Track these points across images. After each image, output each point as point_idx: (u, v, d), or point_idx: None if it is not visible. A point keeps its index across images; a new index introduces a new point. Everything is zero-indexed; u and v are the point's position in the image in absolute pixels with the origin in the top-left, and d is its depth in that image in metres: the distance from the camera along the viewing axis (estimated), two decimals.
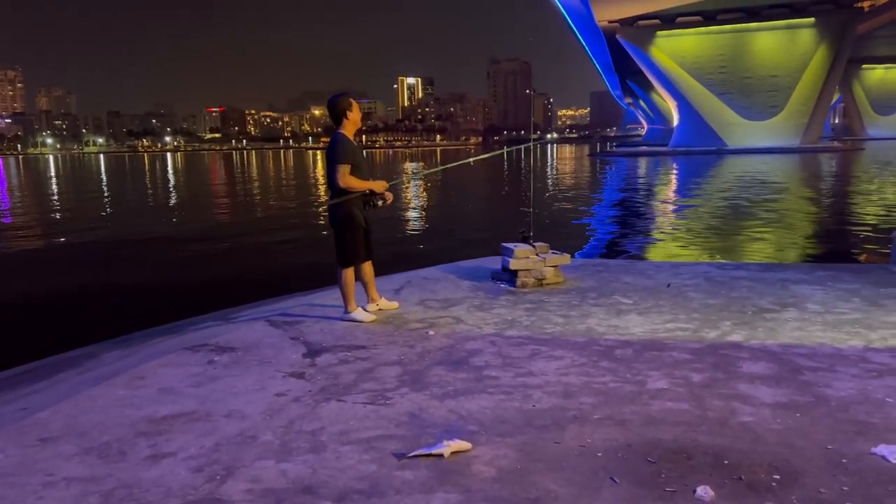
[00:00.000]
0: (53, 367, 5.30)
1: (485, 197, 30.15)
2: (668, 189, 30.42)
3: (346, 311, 5.38)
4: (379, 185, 5.33)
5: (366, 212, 5.36)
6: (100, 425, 3.49)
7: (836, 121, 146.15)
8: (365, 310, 5.50)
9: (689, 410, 3.51)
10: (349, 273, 5.35)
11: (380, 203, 5.38)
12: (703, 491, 2.68)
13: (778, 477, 2.79)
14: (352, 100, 5.34)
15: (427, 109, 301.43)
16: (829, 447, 3.05)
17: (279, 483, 2.83)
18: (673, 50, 74.57)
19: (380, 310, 5.60)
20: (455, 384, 3.95)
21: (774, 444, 3.11)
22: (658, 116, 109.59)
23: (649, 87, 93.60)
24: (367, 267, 5.52)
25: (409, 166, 50.30)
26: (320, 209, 20.85)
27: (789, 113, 72.84)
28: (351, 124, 5.29)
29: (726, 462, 2.94)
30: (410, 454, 3.03)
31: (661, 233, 15.48)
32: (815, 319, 5.18)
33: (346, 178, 5.18)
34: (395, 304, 5.75)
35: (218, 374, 4.25)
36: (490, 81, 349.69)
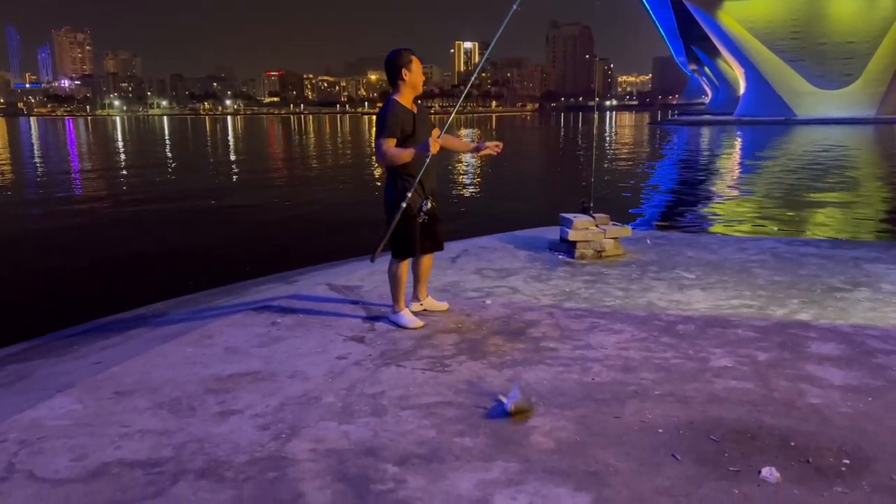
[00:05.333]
0: (124, 323, 5.52)
1: (542, 165, 29.79)
2: (733, 160, 29.45)
3: (393, 311, 4.58)
4: (433, 146, 4.14)
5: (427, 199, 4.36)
6: (170, 381, 3.63)
7: None
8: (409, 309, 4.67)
9: (754, 390, 3.43)
10: (400, 267, 4.48)
11: (427, 205, 4.33)
12: (769, 472, 2.63)
13: (848, 462, 2.72)
14: (413, 56, 4.33)
15: (483, 75, 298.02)
16: None
17: (342, 444, 2.90)
18: (742, 15, 71.51)
19: (424, 311, 4.77)
20: (513, 354, 3.96)
21: (844, 427, 3.02)
22: (723, 84, 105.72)
23: (715, 53, 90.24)
24: (426, 260, 4.69)
25: (463, 133, 50.00)
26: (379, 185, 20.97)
27: (865, 81, 69.27)
28: (408, 88, 4.31)
29: (793, 444, 2.87)
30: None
31: (725, 206, 15.03)
32: (890, 300, 4.97)
33: (385, 153, 4.23)
34: (444, 305, 4.86)
35: (281, 335, 4.36)
36: (549, 46, 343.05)
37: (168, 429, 3.07)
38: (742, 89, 79.22)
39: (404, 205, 4.24)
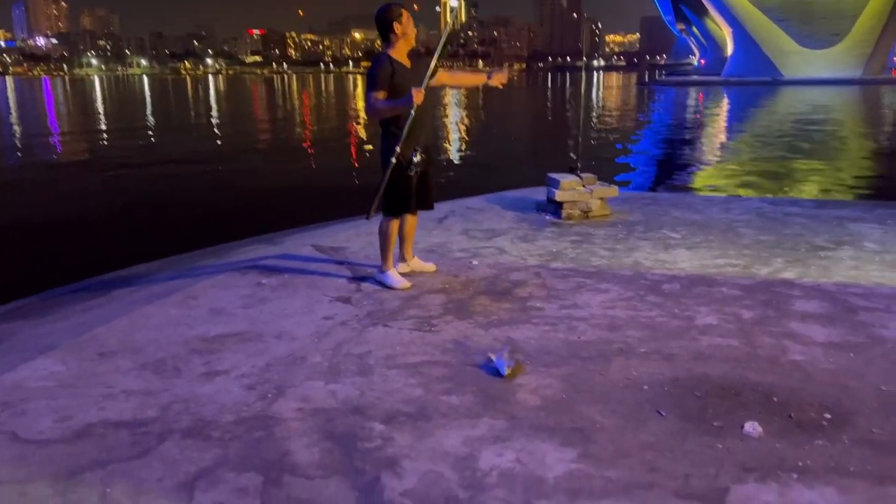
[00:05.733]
0: (107, 285, 5.47)
1: (529, 126, 29.60)
2: (720, 120, 29.41)
3: (381, 270, 4.54)
4: (417, 97, 4.03)
5: (419, 153, 4.29)
6: (154, 342, 3.60)
7: None
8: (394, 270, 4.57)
9: (739, 347, 3.46)
10: (391, 225, 4.43)
11: (417, 158, 4.27)
12: (752, 427, 2.66)
13: (829, 416, 2.75)
14: (403, 9, 4.25)
15: (470, 33, 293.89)
16: (883, 388, 2.99)
17: (328, 403, 2.90)
18: None
19: (412, 272, 4.71)
20: (499, 314, 3.96)
21: (826, 383, 3.05)
22: (711, 44, 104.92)
23: (703, 12, 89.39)
24: (410, 220, 4.59)
25: (450, 92, 49.48)
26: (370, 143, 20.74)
27: (852, 42, 69.00)
28: (402, 42, 4.24)
29: (776, 399, 2.90)
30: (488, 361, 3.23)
31: (712, 166, 15.04)
32: (872, 259, 5.01)
33: (373, 106, 4.17)
34: (431, 267, 4.81)
35: (266, 296, 4.33)
36: (536, 4, 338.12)
37: (153, 389, 3.06)
38: (729, 50, 78.70)
39: (394, 159, 4.18)
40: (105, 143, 21.69)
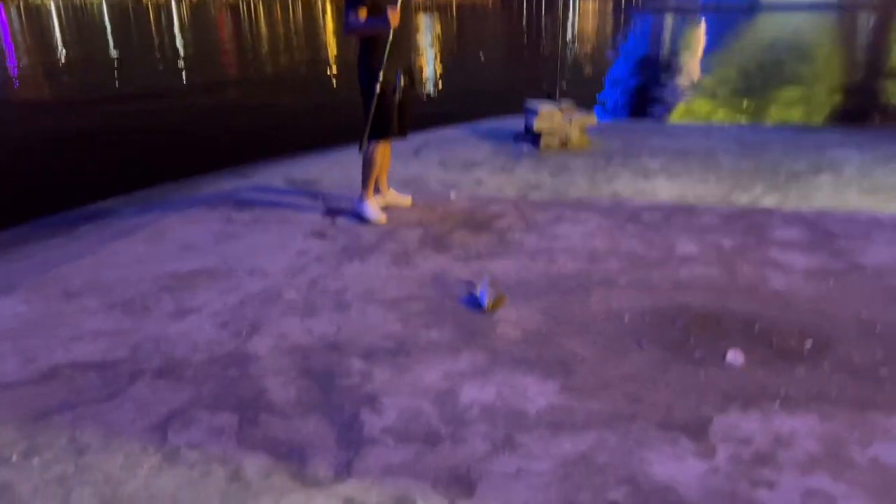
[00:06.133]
0: (71, 221, 5.27)
1: (505, 53, 28.94)
2: (697, 47, 28.99)
3: (360, 199, 4.40)
4: (393, 19, 3.87)
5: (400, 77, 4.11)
6: (123, 281, 3.48)
7: None
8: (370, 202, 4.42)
9: (719, 276, 3.44)
10: (377, 150, 4.25)
11: (401, 82, 4.12)
12: (733, 356, 2.65)
13: (810, 344, 2.75)
14: None
15: None
16: (863, 315, 2.99)
17: (305, 340, 2.83)
18: None
19: (388, 205, 4.56)
20: (478, 247, 3.88)
21: (806, 311, 3.05)
22: None
23: None
24: (387, 146, 4.43)
25: (421, 16, 48.10)
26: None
27: None
28: None
29: (757, 328, 2.89)
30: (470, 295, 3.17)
31: (690, 93, 14.87)
32: (850, 185, 4.99)
33: (350, 24, 3.98)
34: (408, 200, 4.67)
35: (238, 231, 4.20)
36: None
37: (122, 329, 2.96)
38: None
39: (378, 87, 4.01)
40: (66, 76, 20.82)
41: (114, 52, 29.32)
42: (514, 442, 2.17)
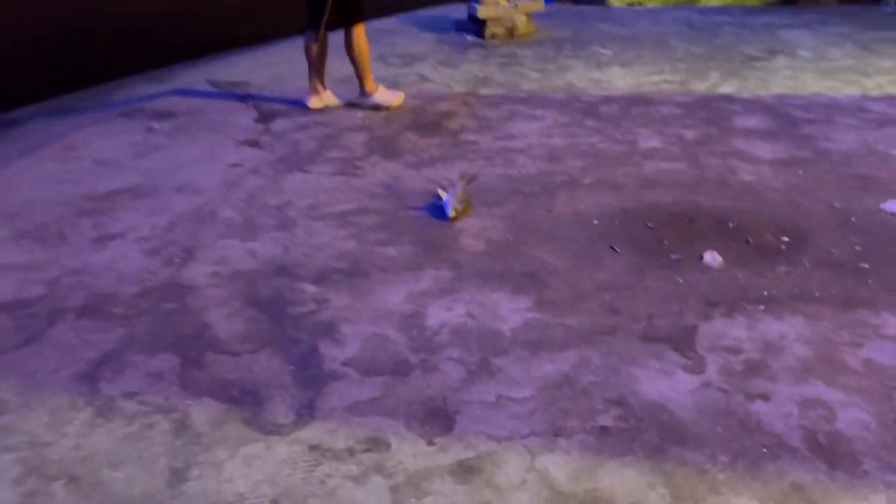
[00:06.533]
0: None
1: None
2: None
3: (364, 93, 4.14)
4: None
5: None
6: (32, 204, 3.07)
7: None
8: (307, 105, 4.15)
9: (686, 171, 3.27)
10: (363, 35, 3.99)
11: None
12: (711, 257, 2.51)
13: (787, 239, 2.63)
14: None
15: None
16: (837, 205, 2.89)
17: (248, 264, 2.54)
18: None
19: (325, 107, 4.18)
20: (430, 150, 3.58)
21: (779, 203, 2.92)
22: None
23: None
24: (327, 39, 4.06)
25: None
26: None
27: None
28: None
29: (731, 225, 2.75)
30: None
31: None
32: (807, 67, 4.85)
33: None
34: (339, 102, 4.26)
35: (160, 143, 3.76)
36: None
37: (35, 261, 2.60)
38: None
39: None
40: None
41: None
42: (490, 366, 1.98)
